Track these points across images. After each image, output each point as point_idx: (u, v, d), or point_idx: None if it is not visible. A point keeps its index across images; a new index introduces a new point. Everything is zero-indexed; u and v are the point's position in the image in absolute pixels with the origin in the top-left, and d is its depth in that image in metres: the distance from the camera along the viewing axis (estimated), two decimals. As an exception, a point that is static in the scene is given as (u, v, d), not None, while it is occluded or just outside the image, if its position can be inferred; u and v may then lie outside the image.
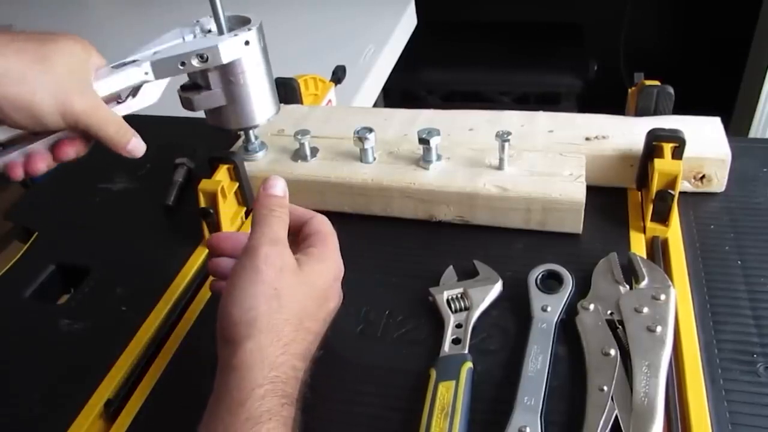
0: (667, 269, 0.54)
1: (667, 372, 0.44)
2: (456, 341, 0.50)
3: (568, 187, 0.58)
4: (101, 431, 0.50)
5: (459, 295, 0.53)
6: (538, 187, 0.58)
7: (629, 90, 0.70)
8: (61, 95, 0.44)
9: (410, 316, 0.53)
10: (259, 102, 0.59)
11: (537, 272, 0.54)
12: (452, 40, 1.91)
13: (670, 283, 0.50)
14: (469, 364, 0.47)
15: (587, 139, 0.64)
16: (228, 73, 0.56)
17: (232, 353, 0.40)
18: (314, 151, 0.66)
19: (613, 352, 0.46)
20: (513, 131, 0.60)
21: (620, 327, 0.48)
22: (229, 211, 0.65)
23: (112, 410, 0.50)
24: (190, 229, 0.65)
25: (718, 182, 0.62)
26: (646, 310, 0.48)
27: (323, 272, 0.45)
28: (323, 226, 0.47)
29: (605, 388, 0.44)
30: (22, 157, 0.49)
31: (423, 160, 0.63)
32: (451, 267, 0.56)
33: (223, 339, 0.41)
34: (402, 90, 1.79)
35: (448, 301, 0.53)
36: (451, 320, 0.51)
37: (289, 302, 0.41)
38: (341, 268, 0.47)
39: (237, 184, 0.65)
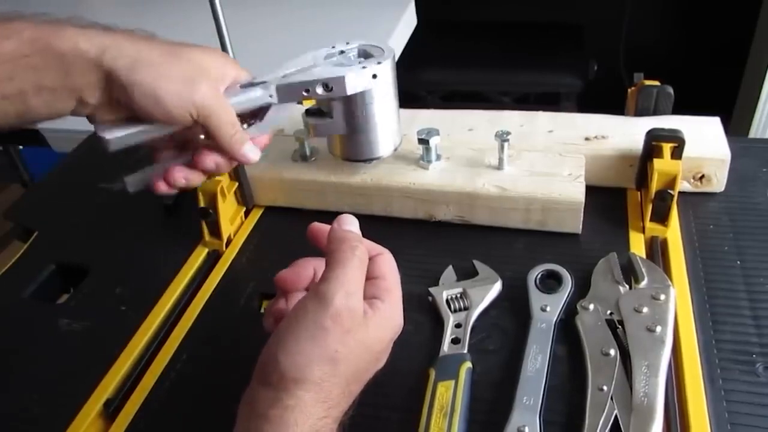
0: (667, 269, 0.54)
1: (666, 372, 0.44)
2: (455, 341, 0.50)
3: (568, 187, 0.58)
4: (100, 430, 0.50)
5: (458, 295, 0.53)
6: (538, 187, 0.58)
7: (629, 90, 0.70)
8: (185, 85, 0.44)
9: (409, 315, 0.53)
10: (381, 135, 0.58)
11: (536, 272, 0.54)
12: (452, 40, 1.91)
13: (669, 283, 0.50)
14: (468, 364, 0.47)
15: (587, 139, 0.64)
16: (352, 104, 0.54)
17: (270, 402, 0.36)
18: (314, 151, 0.66)
19: (612, 352, 0.46)
20: (512, 131, 0.60)
21: (620, 327, 0.48)
22: (229, 211, 0.65)
23: (111, 410, 0.50)
24: (190, 229, 0.65)
25: (718, 182, 0.62)
26: (645, 310, 0.48)
27: (385, 334, 0.40)
28: (390, 271, 0.42)
29: (605, 387, 0.44)
30: (161, 170, 0.48)
31: (423, 160, 0.63)
32: (450, 267, 0.56)
33: (262, 380, 0.37)
34: (402, 90, 1.78)
35: (447, 300, 0.53)
36: (451, 320, 0.51)
37: (345, 366, 0.37)
38: (401, 326, 0.42)
39: (236, 184, 0.65)
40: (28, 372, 0.54)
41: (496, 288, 0.54)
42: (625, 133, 0.64)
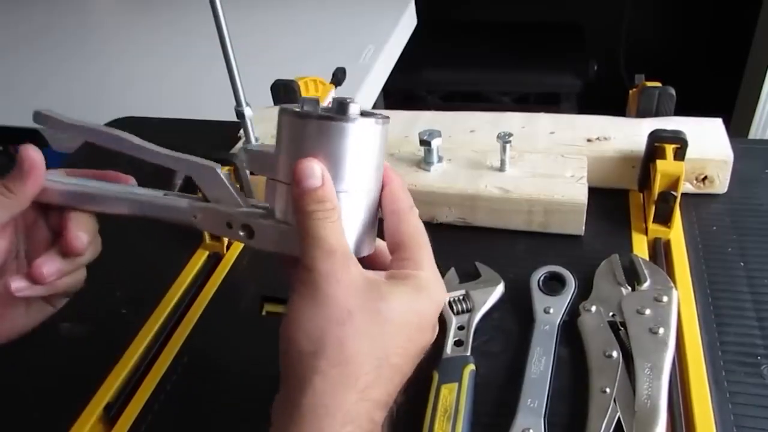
0: (670, 271, 0.54)
1: (669, 374, 0.44)
2: (458, 343, 0.50)
3: (570, 189, 0.58)
4: (101, 435, 0.49)
5: (461, 297, 0.53)
6: (540, 189, 0.58)
7: (630, 91, 0.70)
8: None
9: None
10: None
11: (539, 274, 0.54)
12: (452, 40, 1.91)
13: (671, 284, 0.50)
14: (471, 366, 0.47)
15: (589, 140, 0.64)
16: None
17: (298, 390, 0.32)
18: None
19: (615, 353, 0.46)
20: (514, 133, 0.60)
21: (622, 329, 0.48)
22: (230, 213, 0.64)
23: (111, 414, 0.49)
24: (190, 232, 0.64)
25: (720, 183, 0.61)
26: (648, 311, 0.48)
27: (419, 304, 0.35)
28: (416, 237, 0.38)
29: (607, 390, 0.44)
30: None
31: (424, 162, 0.63)
32: (452, 269, 0.56)
33: (287, 368, 0.33)
34: (402, 90, 1.79)
35: (450, 303, 0.52)
36: (453, 322, 0.51)
37: (369, 328, 0.33)
38: (442, 295, 0.37)
39: (237, 186, 0.65)
40: (29, 376, 0.54)
41: (499, 290, 0.53)
42: (627, 134, 0.64)
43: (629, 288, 0.51)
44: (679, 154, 0.58)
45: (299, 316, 0.33)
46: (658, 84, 0.67)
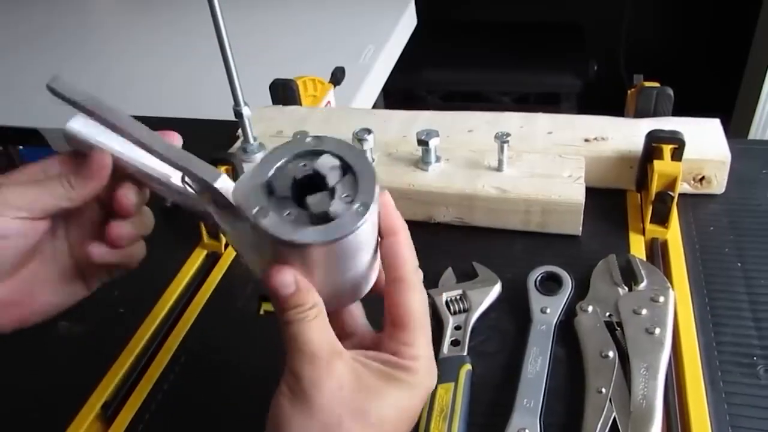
0: (667, 271, 0.54)
1: (665, 374, 0.44)
2: (455, 343, 0.50)
3: (568, 189, 0.58)
4: (99, 433, 0.50)
5: (458, 297, 0.53)
6: (538, 189, 0.58)
7: (628, 91, 0.70)
8: None
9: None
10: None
11: (536, 274, 0.54)
12: (452, 40, 1.91)
13: (668, 285, 0.50)
14: (468, 366, 0.47)
15: (586, 140, 0.64)
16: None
17: None
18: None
19: (611, 354, 0.46)
20: (512, 133, 0.60)
21: (619, 329, 0.48)
22: (228, 213, 0.64)
23: (109, 413, 0.49)
24: (188, 231, 0.64)
25: (718, 184, 0.61)
26: (644, 312, 0.48)
27: (412, 401, 0.34)
28: (420, 318, 0.35)
29: (603, 390, 0.44)
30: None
31: (422, 162, 0.63)
32: (450, 269, 0.56)
33: None
34: (402, 90, 1.79)
35: (447, 302, 0.53)
36: (450, 322, 0.51)
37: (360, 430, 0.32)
38: (433, 384, 0.36)
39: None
40: (27, 374, 0.54)
41: (496, 290, 0.53)
42: (625, 134, 0.64)
43: (626, 288, 0.51)
44: (677, 155, 0.58)
45: (288, 424, 0.32)
46: (657, 84, 0.67)
